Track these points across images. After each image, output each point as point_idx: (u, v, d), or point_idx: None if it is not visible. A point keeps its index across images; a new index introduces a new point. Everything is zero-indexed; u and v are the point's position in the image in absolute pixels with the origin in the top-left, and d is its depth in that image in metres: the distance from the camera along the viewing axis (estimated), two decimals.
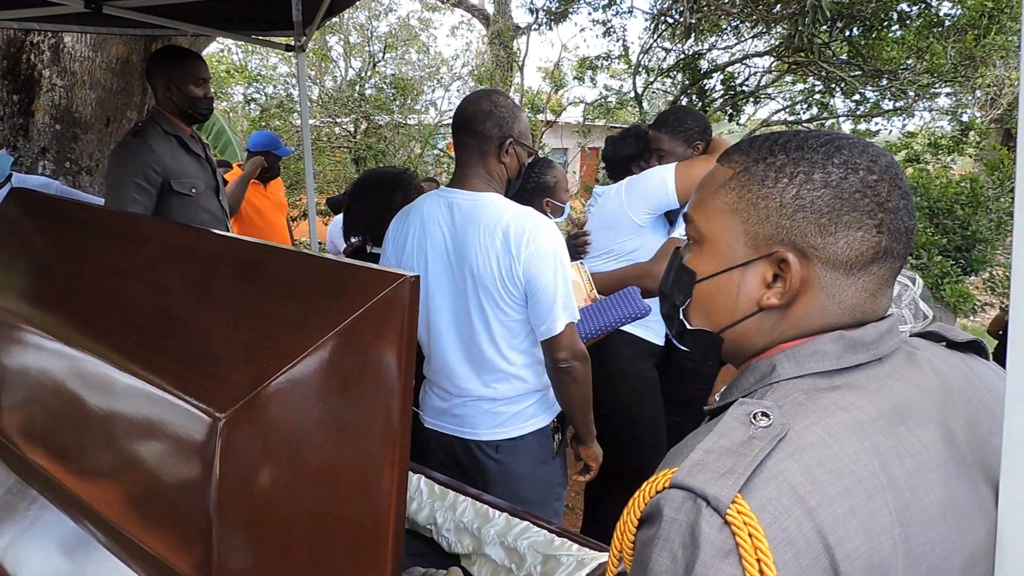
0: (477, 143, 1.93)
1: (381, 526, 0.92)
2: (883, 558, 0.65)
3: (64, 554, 1.25)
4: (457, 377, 1.97)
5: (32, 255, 1.67)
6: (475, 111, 1.92)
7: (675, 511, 0.64)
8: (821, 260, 0.76)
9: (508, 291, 1.86)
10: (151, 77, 2.80)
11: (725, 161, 0.83)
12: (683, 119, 2.69)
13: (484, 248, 1.84)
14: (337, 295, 1.02)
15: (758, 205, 0.77)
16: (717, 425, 0.70)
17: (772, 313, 0.79)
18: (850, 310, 0.77)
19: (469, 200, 1.91)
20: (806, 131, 0.81)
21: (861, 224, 0.75)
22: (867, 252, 0.75)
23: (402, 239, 2.01)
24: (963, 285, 6.14)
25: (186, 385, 1.07)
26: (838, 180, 0.75)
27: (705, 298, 0.83)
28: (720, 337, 0.83)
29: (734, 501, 0.62)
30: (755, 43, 8.53)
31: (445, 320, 1.95)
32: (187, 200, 2.74)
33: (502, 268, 1.84)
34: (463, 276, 1.89)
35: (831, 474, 0.65)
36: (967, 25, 6.63)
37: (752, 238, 0.78)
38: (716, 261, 0.81)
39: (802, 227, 0.75)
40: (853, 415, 0.70)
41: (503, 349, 1.92)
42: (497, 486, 1.97)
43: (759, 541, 0.61)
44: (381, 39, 13.39)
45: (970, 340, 0.90)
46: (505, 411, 1.97)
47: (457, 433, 2.02)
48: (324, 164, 11.27)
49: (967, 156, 8.86)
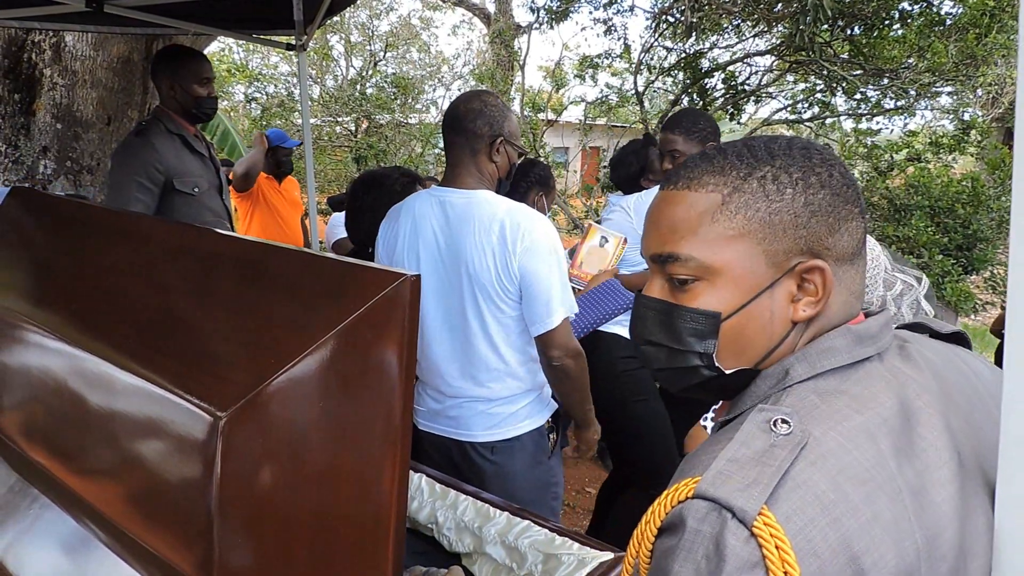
0: (468, 142, 1.92)
1: (382, 525, 0.92)
2: (908, 564, 0.63)
3: (65, 553, 1.25)
4: (451, 377, 1.96)
5: (33, 254, 1.67)
6: (466, 110, 1.92)
7: (699, 522, 0.63)
8: (834, 258, 0.76)
9: (504, 287, 1.85)
10: (155, 76, 2.81)
11: (697, 187, 0.77)
12: (696, 120, 2.70)
13: (480, 245, 1.84)
14: (338, 294, 1.02)
15: (772, 221, 0.75)
16: (737, 432, 0.69)
17: (801, 324, 0.77)
18: (857, 295, 0.79)
19: (462, 198, 1.90)
20: (753, 139, 0.79)
21: (852, 214, 0.77)
22: (860, 238, 0.78)
23: (392, 239, 2.01)
24: (964, 284, 6.14)
25: (187, 384, 1.07)
26: (827, 178, 0.76)
27: (736, 335, 0.76)
28: (758, 370, 0.78)
29: (760, 513, 0.61)
30: (756, 42, 8.53)
31: (438, 320, 1.94)
32: (190, 199, 2.74)
33: (498, 264, 1.83)
34: (458, 275, 1.88)
35: (853, 480, 0.64)
36: (968, 24, 6.63)
37: (772, 256, 0.75)
38: (740, 291, 0.76)
39: (817, 232, 0.75)
40: (867, 417, 0.69)
41: (499, 348, 1.91)
42: (493, 487, 1.95)
43: (786, 553, 0.60)
44: (382, 38, 13.40)
45: (954, 331, 0.90)
46: (500, 412, 1.96)
47: (452, 435, 2.01)
48: (325, 163, 11.28)
49: (968, 155, 8.85)
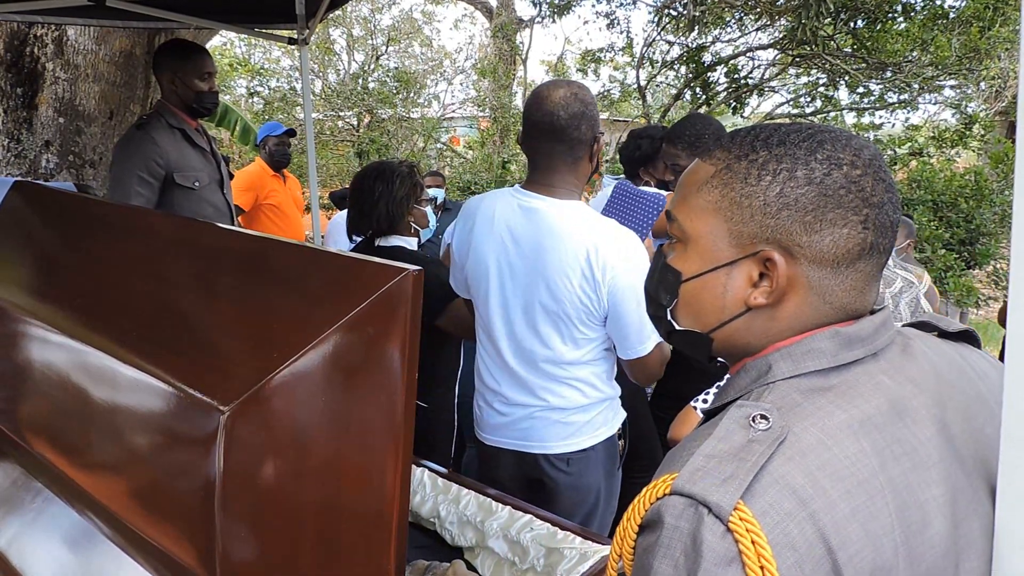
0: (571, 150, 1.76)
1: (384, 519, 0.92)
2: (885, 560, 0.64)
3: (69, 547, 1.25)
4: (522, 388, 1.84)
5: (36, 249, 1.67)
6: (568, 116, 1.73)
7: (676, 518, 0.63)
8: (808, 258, 0.74)
9: (589, 311, 1.74)
10: (157, 70, 2.81)
11: (707, 157, 0.81)
12: (700, 135, 2.66)
13: (566, 263, 1.71)
14: (341, 289, 1.02)
15: (741, 204, 0.76)
16: (716, 428, 0.69)
17: (762, 312, 0.77)
18: (840, 308, 0.76)
19: (552, 208, 1.76)
20: (789, 125, 0.79)
21: (847, 221, 0.73)
22: (853, 249, 0.74)
23: (466, 242, 1.88)
24: (967, 278, 6.14)
25: (190, 378, 1.07)
26: (822, 176, 0.73)
27: (692, 298, 0.82)
28: (709, 337, 0.82)
29: (736, 508, 0.61)
30: (759, 36, 8.52)
31: (508, 330, 1.83)
32: (190, 193, 2.74)
33: (585, 287, 1.71)
34: (536, 287, 1.76)
35: (832, 476, 0.65)
36: (972, 17, 6.61)
37: (736, 237, 0.77)
38: (701, 260, 0.80)
39: (787, 225, 0.74)
40: (850, 415, 0.69)
41: (575, 361, 1.80)
42: (565, 500, 1.87)
43: (762, 548, 0.60)
44: (384, 32, 13.38)
45: (962, 330, 0.89)
46: (575, 420, 1.84)
47: (522, 447, 1.88)
48: (327, 158, 11.28)
49: (971, 149, 8.83)
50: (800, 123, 0.80)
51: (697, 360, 0.88)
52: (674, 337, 0.86)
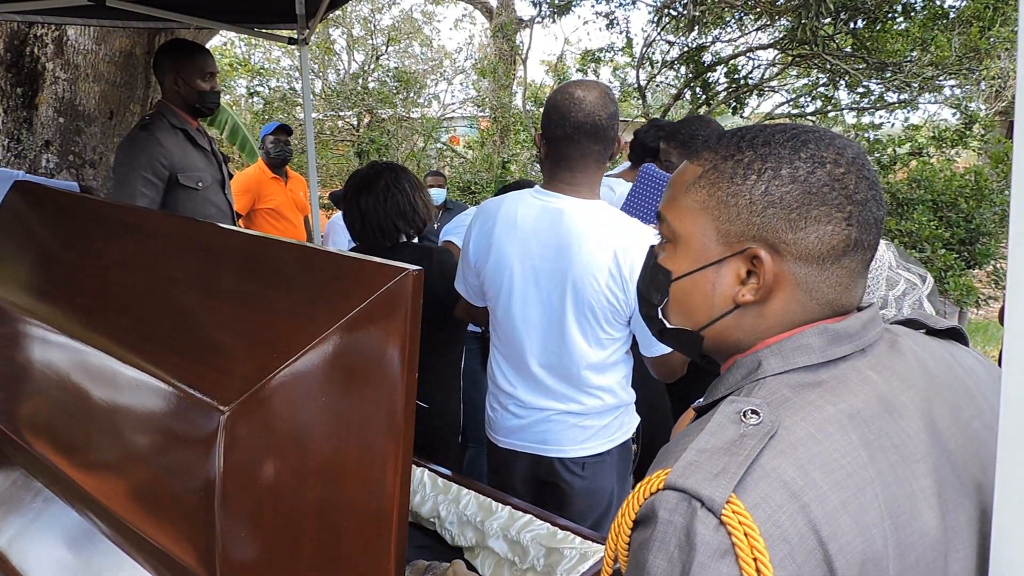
0: (604, 148, 1.77)
1: (384, 519, 0.92)
2: (875, 551, 0.65)
3: (69, 546, 1.26)
4: (541, 392, 1.84)
5: (37, 248, 1.67)
6: (608, 116, 1.74)
7: (670, 513, 0.65)
8: (794, 255, 0.76)
9: (616, 310, 1.74)
10: (158, 70, 2.80)
11: (694, 158, 0.83)
12: (694, 135, 2.67)
13: (592, 264, 1.71)
14: (341, 288, 1.02)
15: (728, 203, 0.78)
16: (708, 424, 0.70)
17: (750, 310, 0.79)
18: (827, 304, 0.78)
19: (576, 209, 1.76)
20: (774, 126, 0.81)
21: (831, 218, 0.75)
22: (838, 245, 0.76)
23: (485, 246, 1.86)
24: (967, 278, 6.13)
25: (190, 378, 1.07)
26: (805, 175, 0.75)
27: (682, 296, 0.84)
28: (700, 335, 0.83)
29: (728, 501, 0.63)
30: (759, 36, 8.52)
31: (529, 331, 1.82)
32: (193, 194, 2.74)
33: (613, 287, 1.72)
34: (561, 289, 1.76)
35: (822, 469, 0.66)
36: (972, 17, 6.62)
37: (724, 236, 0.79)
38: (690, 259, 0.82)
39: (772, 223, 0.76)
40: (839, 409, 0.70)
41: (597, 364, 1.80)
42: (579, 504, 1.88)
43: (755, 540, 0.61)
44: (384, 32, 13.38)
45: (950, 327, 0.90)
46: (592, 424, 1.85)
47: (539, 451, 1.88)
48: (327, 157, 11.29)
49: (971, 149, 8.83)
50: (785, 124, 0.82)
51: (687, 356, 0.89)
52: (666, 335, 0.88)
